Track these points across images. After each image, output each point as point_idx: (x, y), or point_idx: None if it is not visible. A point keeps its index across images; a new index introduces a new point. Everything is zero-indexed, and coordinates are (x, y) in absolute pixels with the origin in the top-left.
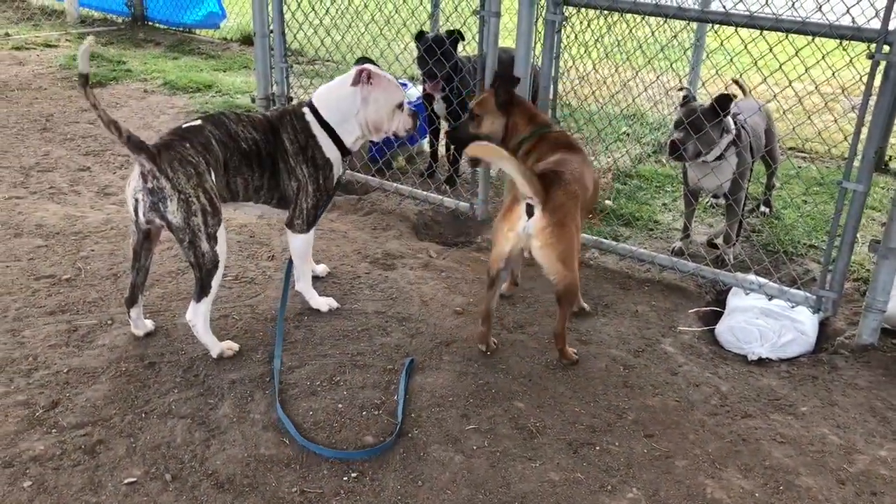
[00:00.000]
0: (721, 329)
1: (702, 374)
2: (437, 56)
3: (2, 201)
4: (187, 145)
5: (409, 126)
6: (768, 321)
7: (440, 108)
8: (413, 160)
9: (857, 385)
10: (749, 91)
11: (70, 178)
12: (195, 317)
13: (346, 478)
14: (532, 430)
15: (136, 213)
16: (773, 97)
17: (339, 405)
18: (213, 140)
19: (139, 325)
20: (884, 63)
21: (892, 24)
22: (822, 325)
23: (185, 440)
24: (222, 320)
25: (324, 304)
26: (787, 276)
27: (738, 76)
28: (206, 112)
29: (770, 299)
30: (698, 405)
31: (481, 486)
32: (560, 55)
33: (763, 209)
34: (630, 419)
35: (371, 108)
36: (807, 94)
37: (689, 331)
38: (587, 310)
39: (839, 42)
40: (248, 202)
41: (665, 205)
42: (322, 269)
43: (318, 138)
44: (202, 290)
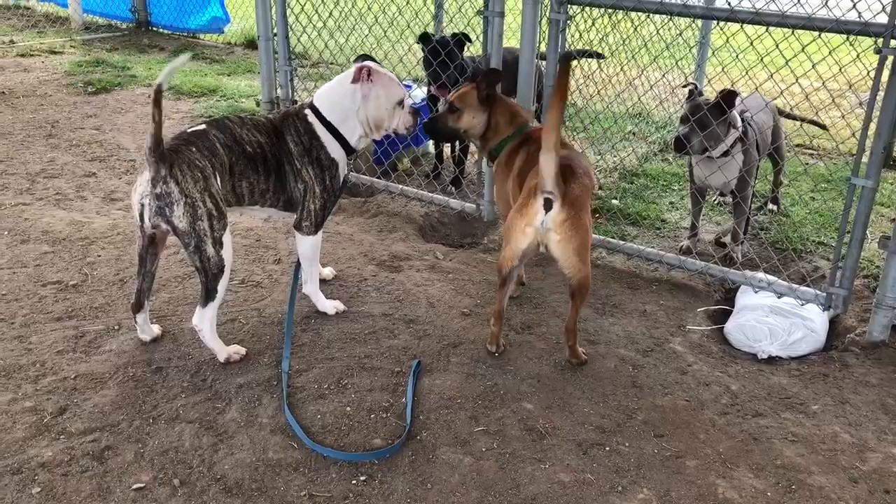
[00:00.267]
0: (730, 328)
1: (711, 373)
2: (441, 59)
3: (8, 208)
4: (193, 150)
5: (409, 123)
6: (778, 319)
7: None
8: (418, 162)
9: (869, 382)
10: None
11: (76, 183)
12: (202, 322)
13: (354, 481)
14: (541, 431)
15: (141, 218)
16: (779, 94)
17: (347, 408)
18: (217, 144)
19: (146, 331)
20: (891, 58)
21: None
22: (833, 323)
23: (194, 445)
24: (229, 324)
25: (331, 306)
26: (797, 273)
27: (745, 73)
28: (210, 116)
29: (779, 297)
30: (708, 404)
31: (491, 488)
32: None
33: (771, 206)
34: (640, 419)
35: (372, 104)
36: (814, 91)
37: (698, 330)
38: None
39: (846, 37)
40: (255, 206)
41: (672, 203)
42: (329, 272)
43: (321, 139)
44: (208, 294)
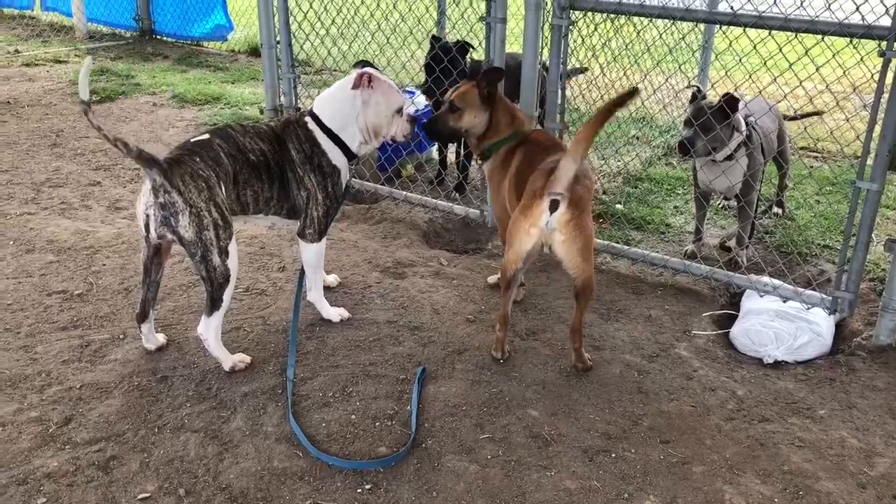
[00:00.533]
0: (736, 332)
1: (717, 378)
2: (443, 65)
3: (14, 217)
4: (197, 159)
5: (407, 131)
6: (783, 323)
7: None
8: (422, 168)
9: (876, 387)
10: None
11: (81, 192)
12: (207, 331)
13: (359, 489)
14: (547, 438)
15: (146, 228)
16: (783, 97)
17: (352, 416)
18: (221, 153)
19: (151, 340)
20: (895, 60)
21: None
22: (839, 327)
23: (199, 454)
24: (234, 332)
25: (335, 314)
26: (802, 277)
27: (748, 77)
28: (215, 124)
29: (785, 301)
30: (714, 410)
31: (496, 496)
32: (567, 60)
33: (776, 210)
34: (645, 425)
35: (371, 111)
36: (818, 94)
37: (704, 335)
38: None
39: (849, 40)
40: (259, 214)
41: (676, 208)
42: (333, 279)
43: (322, 146)
44: (213, 304)
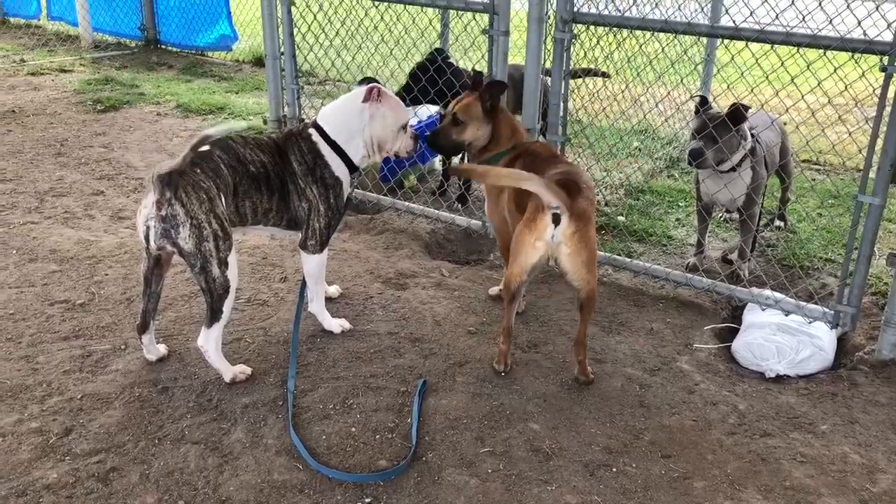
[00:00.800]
0: (737, 346)
1: (719, 392)
2: (429, 75)
3: (17, 227)
4: (198, 171)
5: (409, 148)
6: (785, 337)
7: None
8: (424, 179)
9: (878, 402)
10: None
11: (84, 202)
12: (207, 342)
13: (359, 503)
14: (547, 451)
15: (147, 239)
16: (785, 110)
17: (353, 428)
18: (222, 165)
19: (152, 351)
20: None
21: None
22: (841, 341)
23: (199, 466)
24: (235, 343)
25: (336, 325)
26: (804, 290)
27: (750, 90)
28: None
29: (787, 315)
30: (716, 424)
31: None
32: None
33: (778, 223)
34: (647, 440)
35: (378, 125)
36: (820, 107)
37: (705, 348)
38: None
39: (851, 55)
40: (258, 225)
41: (678, 220)
42: (334, 290)
43: (325, 157)
44: (213, 315)
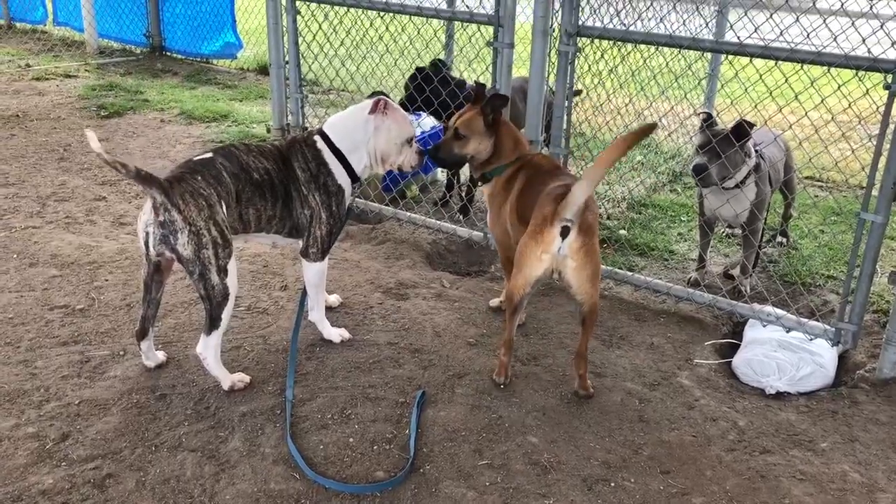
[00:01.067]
0: (738, 362)
1: (719, 408)
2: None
3: (18, 231)
4: (199, 178)
5: (414, 163)
6: (786, 354)
7: None
8: (427, 189)
9: (879, 420)
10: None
11: (86, 207)
12: (205, 350)
13: None
14: (546, 465)
15: (146, 245)
16: (789, 126)
17: (350, 439)
18: (224, 172)
19: (150, 358)
20: None
21: None
22: (842, 358)
23: (195, 474)
24: (234, 351)
25: (336, 334)
26: (805, 307)
27: (754, 106)
28: (221, 142)
29: (788, 331)
30: (715, 440)
31: None
32: (574, 85)
33: (780, 239)
34: (646, 455)
35: (382, 137)
36: (824, 124)
37: (706, 364)
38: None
39: (855, 72)
40: (261, 233)
41: (681, 235)
42: (335, 299)
43: (329, 165)
44: (212, 322)
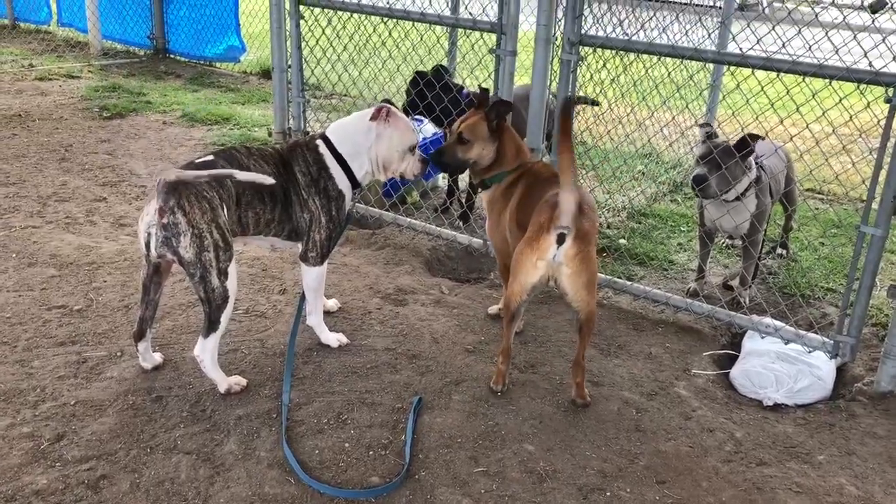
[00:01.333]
0: (736, 373)
1: (716, 419)
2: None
3: (18, 230)
4: (201, 181)
5: (417, 171)
6: (784, 366)
7: None
8: (427, 196)
9: (876, 434)
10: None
11: (86, 208)
12: (203, 352)
13: None
14: (541, 473)
15: (147, 247)
16: (790, 138)
17: (346, 444)
18: None
19: (147, 359)
20: None
21: None
22: (840, 371)
23: (190, 477)
24: (231, 354)
25: (334, 339)
26: (804, 319)
27: (756, 117)
28: (223, 145)
29: (786, 343)
30: (712, 451)
31: None
32: (576, 94)
33: (780, 251)
34: (642, 464)
35: (384, 145)
36: (825, 137)
37: (704, 374)
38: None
39: (857, 85)
40: (259, 235)
41: (680, 245)
42: (333, 303)
43: (330, 170)
44: (211, 325)
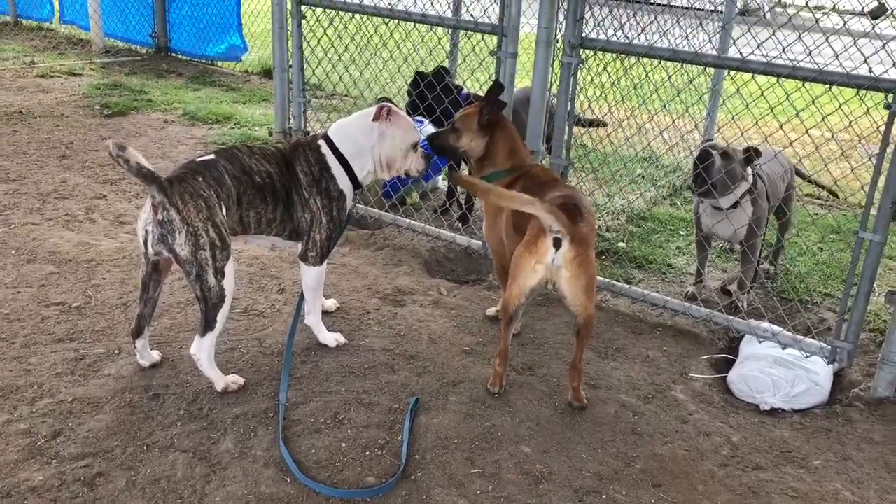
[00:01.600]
0: (733, 377)
1: (712, 423)
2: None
3: (17, 227)
4: (200, 179)
5: (421, 168)
6: (781, 370)
7: None
8: (427, 197)
9: (872, 439)
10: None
11: (86, 205)
12: (200, 351)
13: None
14: (537, 475)
15: (145, 244)
16: (789, 143)
17: (343, 444)
18: (225, 174)
19: (145, 357)
20: None
21: None
22: (837, 377)
23: (186, 475)
24: (229, 353)
25: (332, 339)
26: (802, 324)
27: (755, 122)
28: (223, 144)
29: (784, 348)
30: (708, 455)
31: None
32: (576, 97)
33: (767, 267)
34: (638, 468)
35: (387, 144)
36: (824, 142)
37: (701, 378)
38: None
39: (856, 91)
40: (260, 235)
41: (679, 248)
42: (331, 303)
43: (332, 170)
44: (207, 324)
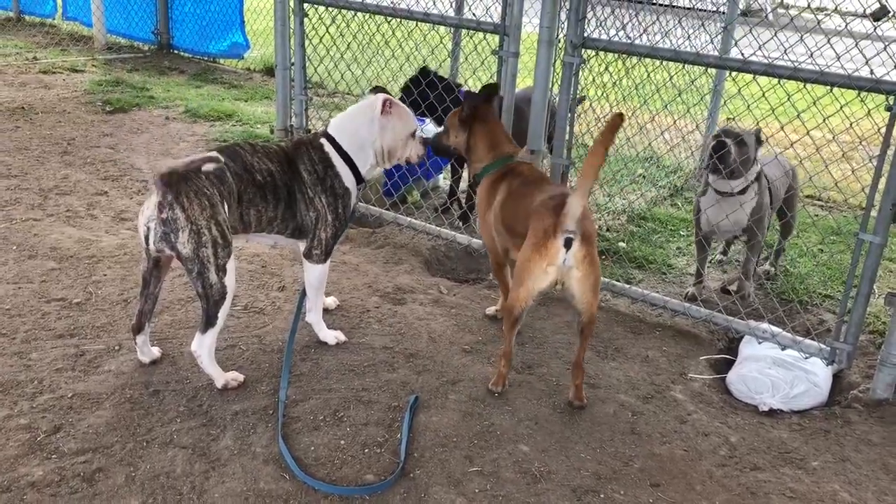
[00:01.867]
0: (732, 378)
1: (711, 423)
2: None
3: (18, 222)
4: (202, 177)
5: (420, 152)
6: (780, 371)
7: None
8: (427, 195)
9: (871, 441)
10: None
11: (87, 201)
12: (200, 348)
13: None
14: (536, 474)
15: (146, 241)
16: (790, 144)
17: (342, 441)
18: (227, 172)
19: (145, 353)
20: None
21: None
22: (836, 378)
23: (185, 471)
24: (229, 350)
25: (332, 337)
26: (801, 325)
27: (756, 123)
28: (225, 141)
29: (783, 349)
30: (706, 455)
31: None
32: (577, 96)
33: (767, 267)
34: (636, 467)
35: (389, 135)
36: (825, 143)
37: (700, 378)
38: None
39: (858, 93)
40: (261, 233)
41: (679, 249)
42: (332, 301)
43: (336, 168)
44: (208, 321)
